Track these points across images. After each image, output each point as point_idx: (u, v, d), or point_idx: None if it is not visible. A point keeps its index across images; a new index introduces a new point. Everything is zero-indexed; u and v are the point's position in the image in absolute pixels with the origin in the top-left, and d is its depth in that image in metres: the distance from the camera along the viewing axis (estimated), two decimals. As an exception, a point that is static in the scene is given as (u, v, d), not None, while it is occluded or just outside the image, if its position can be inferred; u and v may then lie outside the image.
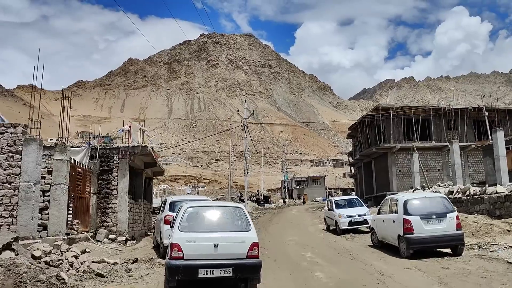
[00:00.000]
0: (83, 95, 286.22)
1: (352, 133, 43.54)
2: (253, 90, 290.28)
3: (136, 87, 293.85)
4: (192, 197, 12.48)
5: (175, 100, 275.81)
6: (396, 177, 32.65)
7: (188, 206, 7.23)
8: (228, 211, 7.55)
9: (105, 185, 14.05)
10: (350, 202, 18.82)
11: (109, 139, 14.99)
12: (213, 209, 7.55)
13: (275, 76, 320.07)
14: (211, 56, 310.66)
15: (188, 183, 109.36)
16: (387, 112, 32.76)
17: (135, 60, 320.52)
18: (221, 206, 7.81)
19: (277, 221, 25.94)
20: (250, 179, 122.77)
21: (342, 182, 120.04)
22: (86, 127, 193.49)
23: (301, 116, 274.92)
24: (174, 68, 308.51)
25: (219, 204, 7.82)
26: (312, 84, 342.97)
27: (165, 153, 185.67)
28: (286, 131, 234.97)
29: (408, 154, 32.95)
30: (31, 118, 10.64)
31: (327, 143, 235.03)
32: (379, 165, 35.50)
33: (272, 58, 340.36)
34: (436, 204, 10.98)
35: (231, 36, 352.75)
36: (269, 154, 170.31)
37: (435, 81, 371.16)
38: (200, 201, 9.91)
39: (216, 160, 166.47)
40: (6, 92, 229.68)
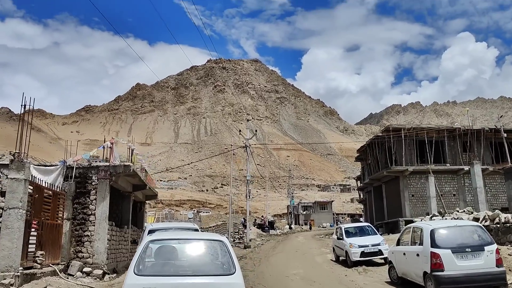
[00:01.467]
0: (91, 119, 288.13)
1: (360, 156, 41.59)
2: (260, 114, 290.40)
3: (143, 111, 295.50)
4: (175, 224, 10.66)
5: (182, 125, 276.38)
6: (409, 202, 30.53)
7: (150, 239, 5.36)
8: (206, 246, 5.64)
9: (81, 209, 12.29)
10: (362, 230, 16.85)
11: (88, 156, 13.26)
12: (186, 243, 5.59)
13: (282, 101, 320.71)
14: (218, 81, 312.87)
15: (193, 207, 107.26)
16: (399, 133, 30.94)
17: (142, 85, 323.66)
18: (198, 240, 5.78)
19: (281, 249, 23.89)
20: (256, 204, 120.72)
21: (350, 208, 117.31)
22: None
23: (307, 141, 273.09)
24: (181, 93, 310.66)
25: (195, 236, 5.85)
26: (318, 109, 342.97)
27: (171, 177, 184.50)
28: (292, 155, 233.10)
29: (421, 177, 30.97)
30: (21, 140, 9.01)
31: (334, 168, 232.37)
32: (390, 190, 33.43)
33: (279, 83, 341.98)
34: (469, 234, 9.07)
35: (238, 61, 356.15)
36: (275, 179, 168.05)
37: (442, 106, 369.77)
38: (178, 231, 8.21)
39: (222, 185, 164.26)
40: (15, 116, 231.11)
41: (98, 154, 14.20)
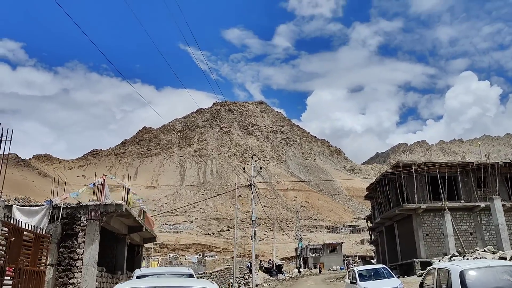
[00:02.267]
0: (97, 163, 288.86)
1: (370, 194, 40.14)
2: (266, 155, 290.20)
3: (149, 155, 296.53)
4: (168, 269, 9.55)
5: (188, 167, 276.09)
6: (424, 242, 28.89)
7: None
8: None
9: (67, 253, 11.18)
10: (377, 272, 15.45)
11: (76, 194, 12.27)
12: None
13: (287, 141, 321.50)
14: (223, 123, 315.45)
15: (198, 251, 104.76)
16: (409, 169, 29.77)
17: (149, 128, 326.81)
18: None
19: (289, 295, 22.25)
20: (263, 247, 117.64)
21: (360, 250, 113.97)
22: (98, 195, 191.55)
23: (314, 181, 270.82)
24: (187, 136, 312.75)
25: (177, 284, 4.65)
26: (324, 149, 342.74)
27: (177, 220, 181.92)
28: (299, 196, 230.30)
29: (435, 215, 29.51)
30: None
31: (342, 209, 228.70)
32: (403, 229, 31.84)
33: (284, 124, 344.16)
34: (502, 275, 7.85)
35: (243, 103, 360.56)
36: (283, 221, 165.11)
37: (448, 144, 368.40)
38: (168, 277, 7.18)
39: (228, 228, 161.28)
40: (22, 162, 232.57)
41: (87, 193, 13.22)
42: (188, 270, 8.75)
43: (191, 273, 8.59)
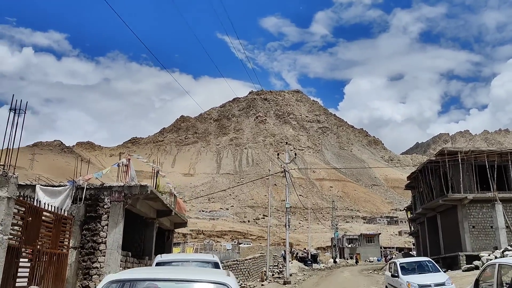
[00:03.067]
0: (136, 151, 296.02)
1: (411, 184, 38.23)
2: (301, 145, 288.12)
3: (187, 143, 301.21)
4: (192, 256, 8.79)
5: (224, 156, 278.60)
6: (470, 235, 27.04)
7: (111, 279, 3.55)
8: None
9: (90, 236, 10.73)
10: (421, 265, 14.23)
11: (100, 174, 11.78)
12: (173, 286, 3.78)
13: (324, 130, 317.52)
14: (259, 112, 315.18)
15: (234, 239, 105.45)
16: (455, 157, 27.87)
17: (186, 117, 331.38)
18: (191, 281, 3.95)
19: (325, 286, 21.28)
20: (299, 236, 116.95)
21: (398, 241, 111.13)
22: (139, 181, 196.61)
23: (351, 171, 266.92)
24: (223, 125, 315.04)
25: (190, 276, 3.84)
26: (362, 139, 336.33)
27: (213, 207, 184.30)
28: (335, 186, 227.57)
29: (483, 206, 27.57)
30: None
31: (380, 200, 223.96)
32: (446, 220, 30.02)
33: (320, 113, 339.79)
34: None
35: (279, 92, 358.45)
36: (318, 210, 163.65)
37: (493, 135, 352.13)
38: (187, 265, 6.48)
39: (264, 216, 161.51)
40: (66, 148, 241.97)
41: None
42: (213, 257, 8.05)
43: (216, 261, 7.88)
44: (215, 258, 7.97)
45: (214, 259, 7.89)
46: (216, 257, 8.00)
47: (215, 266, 7.69)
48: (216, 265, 7.67)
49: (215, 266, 7.69)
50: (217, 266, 7.66)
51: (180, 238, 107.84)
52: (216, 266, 7.66)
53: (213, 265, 7.68)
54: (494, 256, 17.22)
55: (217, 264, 7.70)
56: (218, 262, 7.82)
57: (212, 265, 7.68)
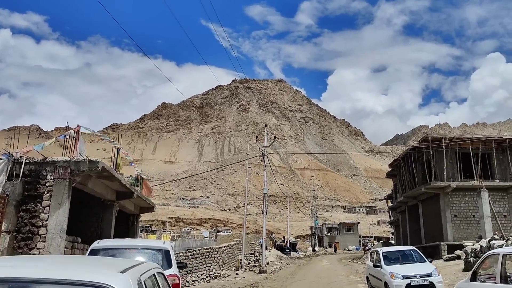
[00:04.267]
0: (116, 137, 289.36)
1: (393, 171, 37.49)
2: (284, 134, 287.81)
3: (168, 130, 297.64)
4: (138, 242, 7.25)
5: (206, 143, 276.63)
6: (452, 224, 26.34)
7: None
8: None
9: (29, 219, 9.20)
10: (405, 255, 13.15)
11: (41, 147, 10.20)
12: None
13: (306, 120, 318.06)
14: (242, 101, 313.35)
15: (214, 227, 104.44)
16: (439, 143, 27.01)
17: (168, 104, 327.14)
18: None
19: (302, 276, 20.18)
20: (279, 224, 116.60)
21: (376, 231, 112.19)
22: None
23: (332, 161, 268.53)
24: (206, 112, 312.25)
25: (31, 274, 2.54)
26: (343, 129, 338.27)
27: (194, 195, 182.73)
28: (316, 175, 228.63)
29: (465, 195, 26.88)
30: None
31: (359, 189, 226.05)
32: (428, 209, 29.29)
33: (303, 103, 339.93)
34: None
35: (263, 81, 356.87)
36: (299, 199, 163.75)
37: (471, 128, 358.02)
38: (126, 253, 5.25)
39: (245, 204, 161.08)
40: (44, 133, 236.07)
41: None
42: (163, 244, 6.64)
43: (166, 248, 6.48)
44: (166, 245, 6.57)
45: (165, 246, 6.49)
46: (168, 244, 6.60)
47: (165, 255, 6.37)
48: (166, 253, 6.34)
49: (165, 255, 6.37)
50: (168, 254, 6.35)
51: (160, 226, 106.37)
52: (166, 255, 6.34)
53: (162, 253, 6.34)
54: (479, 245, 16.31)
55: (167, 252, 6.36)
56: (169, 250, 6.43)
57: (162, 253, 6.35)
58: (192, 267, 22.31)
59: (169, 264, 6.27)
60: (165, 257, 6.33)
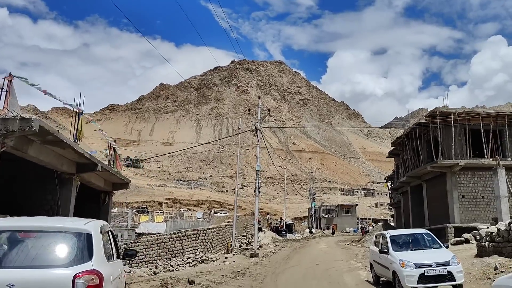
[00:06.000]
0: (114, 118, 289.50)
1: (395, 150, 35.49)
2: (282, 116, 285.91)
3: (166, 111, 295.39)
4: (38, 223, 4.96)
5: (204, 125, 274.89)
6: (459, 205, 24.49)
7: None
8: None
9: None
10: (417, 239, 11.21)
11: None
12: None
13: (305, 103, 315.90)
14: (241, 82, 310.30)
15: (211, 208, 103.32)
16: (447, 118, 24.96)
17: (166, 85, 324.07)
18: None
19: (297, 261, 18.36)
20: (276, 206, 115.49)
21: (374, 213, 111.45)
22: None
23: (330, 144, 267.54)
24: (204, 94, 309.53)
25: None
26: (342, 112, 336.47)
27: (191, 177, 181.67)
28: (315, 158, 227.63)
29: (474, 174, 24.97)
30: None
31: (358, 172, 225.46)
32: (433, 190, 27.41)
33: (302, 85, 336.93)
34: None
35: (262, 63, 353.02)
36: (297, 182, 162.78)
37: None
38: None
39: (242, 186, 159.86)
40: (41, 114, 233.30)
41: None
42: (84, 226, 4.43)
43: (85, 231, 4.18)
44: (88, 226, 4.41)
45: (85, 229, 4.31)
46: (89, 226, 4.39)
47: (86, 241, 4.33)
48: (87, 239, 4.25)
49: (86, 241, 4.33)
50: (89, 241, 4.28)
51: (156, 207, 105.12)
52: (87, 241, 4.28)
53: (77, 237, 4.27)
54: (496, 228, 14.42)
55: (89, 237, 4.26)
56: (91, 233, 4.33)
57: (76, 237, 4.28)
58: (177, 250, 20.53)
59: (89, 255, 4.25)
60: (86, 244, 4.30)
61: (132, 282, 11.15)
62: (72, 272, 4.01)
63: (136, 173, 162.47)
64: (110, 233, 5.55)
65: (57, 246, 4.27)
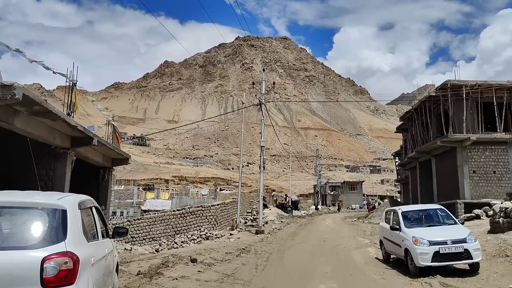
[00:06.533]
0: (119, 96, 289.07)
1: (404, 125, 34.67)
2: (288, 93, 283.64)
3: (171, 89, 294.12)
4: (7, 198, 4.35)
5: (209, 103, 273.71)
6: (470, 180, 23.83)
7: None
8: None
9: None
10: (430, 215, 10.62)
11: None
12: None
13: (310, 79, 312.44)
14: (245, 59, 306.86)
15: (217, 185, 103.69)
16: (458, 90, 24.05)
17: (171, 62, 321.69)
18: None
19: (303, 238, 17.95)
20: (282, 183, 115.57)
21: (380, 189, 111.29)
22: (121, 128, 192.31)
23: (336, 121, 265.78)
24: (209, 71, 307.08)
25: None
26: (348, 88, 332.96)
27: (197, 154, 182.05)
28: (320, 135, 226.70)
29: (485, 149, 24.22)
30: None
31: (363, 149, 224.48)
32: (443, 165, 26.73)
33: (308, 61, 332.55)
34: None
35: (267, 39, 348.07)
36: (302, 159, 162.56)
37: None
38: None
39: (248, 163, 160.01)
40: (46, 92, 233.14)
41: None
42: (58, 201, 3.79)
43: (60, 207, 3.57)
44: (61, 202, 3.80)
45: (58, 204, 3.70)
46: (64, 201, 3.76)
47: (60, 219, 3.74)
48: (63, 215, 3.66)
49: (60, 219, 3.74)
50: (64, 218, 3.67)
51: (163, 184, 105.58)
52: (63, 216, 3.69)
53: (49, 214, 3.67)
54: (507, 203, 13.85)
55: (63, 214, 3.67)
56: (66, 209, 3.73)
57: (48, 214, 3.67)
58: (181, 227, 20.19)
59: (64, 234, 3.67)
60: (60, 222, 3.71)
61: (132, 261, 10.74)
62: (41, 254, 3.44)
63: (142, 151, 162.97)
64: (95, 209, 4.96)
65: (25, 225, 3.69)
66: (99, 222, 4.94)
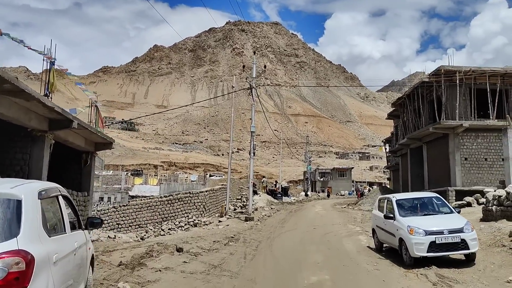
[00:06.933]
0: (108, 80, 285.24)
1: (395, 112, 34.38)
2: (278, 79, 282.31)
3: (160, 73, 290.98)
4: None
5: (199, 88, 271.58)
6: (461, 167, 23.67)
7: None
8: None
9: None
10: (425, 204, 10.26)
11: None
12: None
13: (301, 65, 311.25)
14: (236, 44, 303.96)
15: (207, 171, 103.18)
16: (452, 76, 23.71)
17: (160, 46, 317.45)
18: None
19: (293, 225, 17.60)
20: (272, 169, 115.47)
21: (369, 176, 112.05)
22: (109, 112, 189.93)
23: (326, 108, 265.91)
24: (199, 56, 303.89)
25: None
26: (339, 75, 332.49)
27: (187, 140, 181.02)
28: (310, 122, 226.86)
29: (477, 136, 24.04)
30: None
31: (353, 136, 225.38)
32: (434, 151, 26.53)
33: (299, 47, 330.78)
34: None
35: (257, 24, 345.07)
36: (292, 145, 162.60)
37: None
38: None
39: (238, 150, 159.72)
40: (33, 75, 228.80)
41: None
42: (11, 190, 3.25)
43: (16, 197, 3.12)
44: (15, 191, 3.23)
45: (8, 193, 2.99)
46: (19, 190, 3.17)
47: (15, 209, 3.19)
48: (17, 206, 3.11)
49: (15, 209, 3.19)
50: (18, 209, 3.12)
51: (152, 170, 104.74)
52: (17, 208, 3.14)
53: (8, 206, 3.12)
54: (505, 191, 13.58)
55: (18, 203, 3.12)
56: (21, 200, 3.17)
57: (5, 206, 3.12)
58: (169, 214, 19.73)
59: (17, 229, 3.13)
60: (13, 215, 3.16)
61: (115, 249, 10.26)
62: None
63: (131, 136, 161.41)
64: (62, 198, 4.36)
65: None
66: (67, 212, 4.38)
